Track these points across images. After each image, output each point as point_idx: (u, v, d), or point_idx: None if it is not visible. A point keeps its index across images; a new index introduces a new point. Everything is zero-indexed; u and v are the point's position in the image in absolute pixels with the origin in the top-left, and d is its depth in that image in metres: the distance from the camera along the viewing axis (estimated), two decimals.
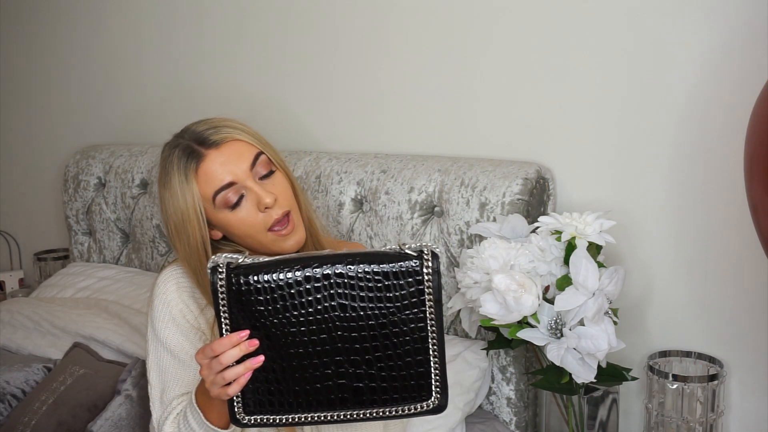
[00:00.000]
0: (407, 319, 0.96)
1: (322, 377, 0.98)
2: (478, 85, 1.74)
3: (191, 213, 1.18)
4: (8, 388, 1.67)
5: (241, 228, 1.20)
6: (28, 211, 2.84)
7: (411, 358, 0.97)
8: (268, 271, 0.96)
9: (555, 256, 1.37)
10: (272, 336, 0.97)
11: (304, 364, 0.97)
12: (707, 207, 1.50)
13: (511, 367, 1.59)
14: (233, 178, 1.18)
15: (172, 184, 1.19)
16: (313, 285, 0.95)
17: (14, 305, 2.04)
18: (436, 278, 0.96)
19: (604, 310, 1.31)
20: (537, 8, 1.63)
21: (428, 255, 0.95)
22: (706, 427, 1.47)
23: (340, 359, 0.97)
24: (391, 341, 0.97)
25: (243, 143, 1.21)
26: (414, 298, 0.96)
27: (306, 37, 2.00)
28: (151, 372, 1.21)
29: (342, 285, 0.96)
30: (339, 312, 0.96)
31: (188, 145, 1.20)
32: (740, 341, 1.51)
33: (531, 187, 1.56)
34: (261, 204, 1.18)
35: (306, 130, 2.04)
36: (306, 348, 0.97)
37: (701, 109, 1.48)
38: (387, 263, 0.95)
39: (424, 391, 0.98)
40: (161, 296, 1.22)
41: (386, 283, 0.95)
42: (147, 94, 2.38)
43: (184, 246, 1.20)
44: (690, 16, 1.47)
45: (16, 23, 2.73)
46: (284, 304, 0.96)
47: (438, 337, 0.97)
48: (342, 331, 0.96)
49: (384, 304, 0.96)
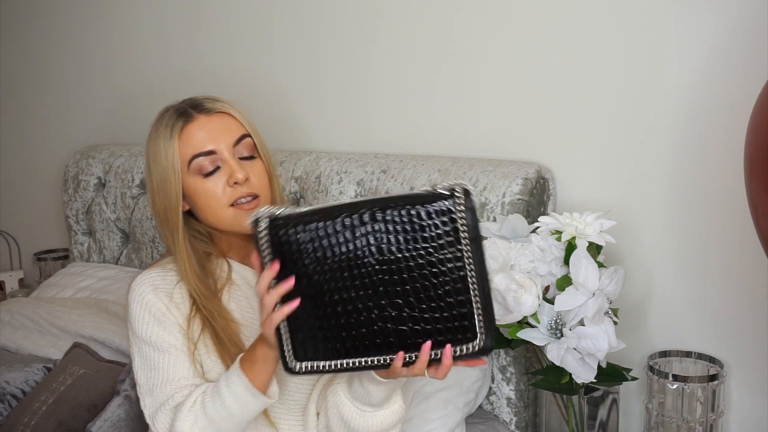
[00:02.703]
0: (445, 259, 0.95)
1: (367, 322, 0.98)
2: (479, 86, 1.74)
3: (170, 170, 1.20)
4: (8, 388, 1.67)
5: (205, 199, 1.21)
6: (28, 211, 2.84)
7: (452, 299, 0.95)
8: (307, 221, 0.98)
9: (555, 256, 1.37)
10: (315, 283, 0.98)
11: (348, 309, 0.98)
12: (707, 207, 1.50)
13: (511, 367, 1.59)
14: (214, 147, 1.20)
15: (157, 140, 1.22)
16: (350, 231, 0.97)
17: (14, 305, 2.04)
18: (470, 215, 0.94)
19: (604, 310, 1.31)
20: (537, 9, 1.63)
21: (460, 192, 0.94)
22: (706, 427, 1.47)
23: (383, 303, 0.97)
24: (431, 282, 0.96)
25: (233, 120, 1.24)
26: (449, 237, 0.94)
27: (307, 38, 2.00)
28: (139, 373, 1.21)
29: (378, 229, 0.96)
30: (377, 255, 0.96)
31: (182, 107, 1.25)
32: (740, 341, 1.51)
33: (531, 187, 1.56)
34: (232, 178, 1.19)
35: (306, 129, 2.04)
36: (348, 293, 0.98)
37: (701, 109, 1.48)
38: (420, 204, 0.95)
39: (468, 332, 0.96)
40: (138, 299, 1.22)
41: (420, 224, 0.95)
42: (147, 94, 2.38)
43: (162, 201, 1.22)
44: (690, 16, 1.47)
45: (15, 23, 2.73)
46: (324, 252, 0.97)
47: (479, 276, 0.95)
48: (382, 275, 0.97)
49: (420, 244, 0.95)
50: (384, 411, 1.16)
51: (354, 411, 1.15)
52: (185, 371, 1.18)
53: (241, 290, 1.27)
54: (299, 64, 2.03)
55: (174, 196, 1.21)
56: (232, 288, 1.27)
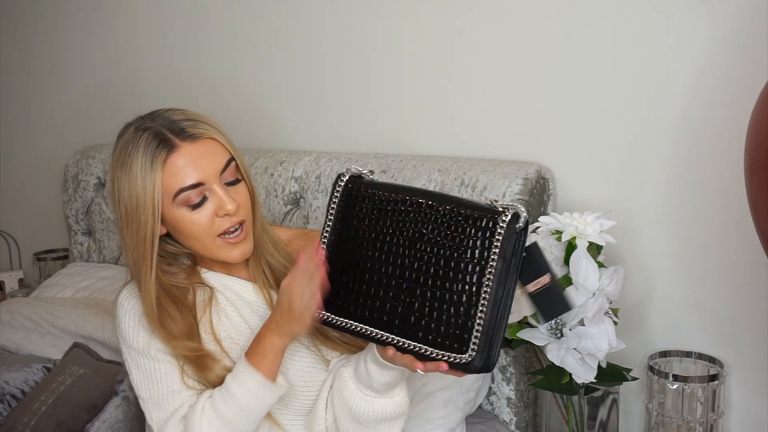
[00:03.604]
0: (466, 269, 0.98)
1: (383, 296, 1.04)
2: (479, 86, 1.74)
3: (148, 202, 1.12)
4: (8, 388, 1.67)
5: (191, 228, 1.15)
6: (28, 211, 2.84)
7: (462, 308, 0.98)
8: (380, 187, 1.08)
9: (555, 256, 1.37)
10: (357, 245, 1.07)
11: (373, 279, 1.05)
12: (707, 207, 1.50)
13: (511, 367, 1.59)
14: (202, 179, 1.13)
15: (132, 167, 1.12)
16: (405, 213, 1.04)
17: (14, 305, 2.04)
18: (509, 236, 0.96)
19: (605, 310, 1.31)
20: (537, 9, 1.63)
21: (507, 213, 0.96)
22: (707, 427, 1.46)
23: (404, 287, 1.02)
24: (448, 284, 0.99)
25: (219, 144, 1.16)
26: (484, 251, 0.97)
27: (307, 37, 2.00)
28: (140, 387, 1.19)
29: (426, 219, 1.02)
30: (416, 242, 1.02)
31: (161, 131, 1.13)
32: (740, 341, 1.51)
33: (531, 187, 1.56)
34: (222, 209, 1.14)
35: (306, 129, 2.04)
36: (381, 266, 1.04)
37: (701, 109, 1.48)
38: (470, 211, 0.99)
39: (462, 344, 0.98)
40: (126, 312, 1.20)
41: (464, 229, 0.99)
42: (147, 94, 2.38)
43: (132, 234, 1.14)
44: (690, 16, 1.46)
45: (15, 23, 2.73)
46: (375, 222, 1.06)
47: (492, 296, 0.96)
48: (411, 260, 1.02)
49: (456, 247, 0.99)
50: (385, 400, 1.16)
51: (356, 393, 1.16)
52: (180, 372, 1.18)
53: (230, 302, 1.25)
54: (300, 64, 2.02)
55: (150, 230, 1.13)
56: (220, 301, 1.25)
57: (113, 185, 1.16)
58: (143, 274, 1.16)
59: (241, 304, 1.25)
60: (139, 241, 1.14)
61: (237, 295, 1.26)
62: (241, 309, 1.25)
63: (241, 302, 1.25)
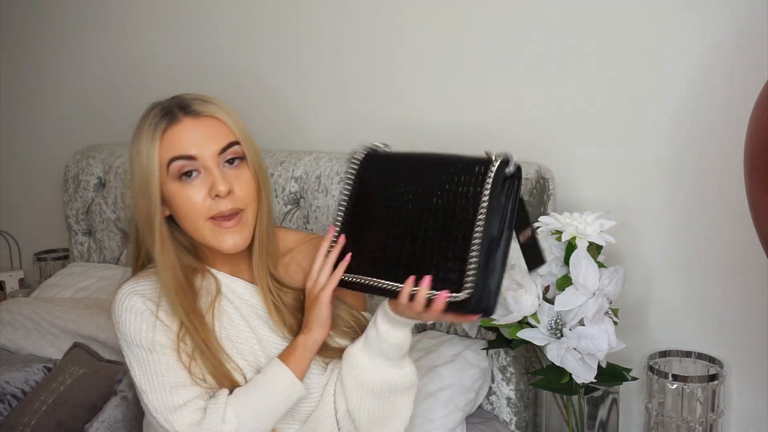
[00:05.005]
0: (460, 214, 1.04)
1: (391, 250, 1.11)
2: (478, 86, 1.74)
3: (150, 173, 1.14)
4: (8, 388, 1.67)
5: (184, 206, 1.14)
6: (28, 211, 2.84)
7: (459, 249, 1.03)
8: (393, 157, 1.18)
9: (555, 256, 1.37)
10: (371, 204, 1.14)
11: (382, 235, 1.12)
12: (707, 207, 1.50)
13: (511, 367, 1.59)
14: (196, 153, 1.13)
15: (139, 140, 1.16)
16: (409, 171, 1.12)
17: (14, 305, 2.04)
18: (499, 181, 1.02)
19: (604, 310, 1.31)
20: (537, 10, 1.63)
21: (497, 159, 1.03)
22: (706, 427, 1.47)
23: (407, 238, 1.09)
24: (444, 230, 1.05)
25: (223, 124, 1.17)
26: (471, 195, 1.04)
27: (309, 38, 2.00)
28: (141, 381, 1.17)
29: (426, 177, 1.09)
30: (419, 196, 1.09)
31: (169, 106, 1.18)
32: (740, 341, 1.51)
33: (531, 187, 1.56)
34: (213, 189, 1.13)
35: (306, 129, 2.04)
36: (389, 221, 1.12)
37: (701, 109, 1.48)
38: (464, 162, 1.06)
39: (458, 283, 1.03)
40: (126, 309, 1.18)
41: (460, 177, 1.05)
42: (148, 94, 2.37)
43: (144, 209, 1.16)
44: (690, 16, 1.46)
45: (15, 23, 2.73)
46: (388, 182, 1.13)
47: (483, 236, 1.01)
48: (413, 213, 1.09)
49: (454, 195, 1.05)
50: (396, 370, 1.18)
51: (369, 365, 1.17)
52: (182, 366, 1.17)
53: (232, 304, 1.24)
54: (300, 64, 2.03)
55: (154, 201, 1.14)
56: (222, 303, 1.24)
57: (130, 158, 1.19)
58: (157, 247, 1.16)
59: (243, 307, 1.25)
60: (149, 215, 1.16)
61: (239, 297, 1.25)
62: (243, 311, 1.25)
63: (244, 305, 1.25)
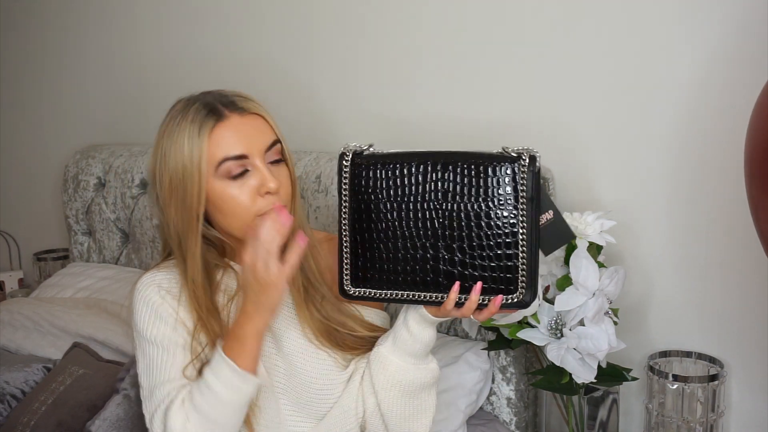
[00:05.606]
0: (501, 215, 1.04)
1: (422, 260, 1.08)
2: (478, 85, 1.74)
3: (195, 169, 1.11)
4: (8, 388, 1.67)
5: (231, 203, 1.13)
6: (28, 211, 2.84)
7: (502, 252, 1.05)
8: (388, 160, 1.09)
9: (555, 256, 1.37)
10: (383, 217, 1.09)
11: (407, 245, 1.09)
12: (707, 207, 1.50)
13: (511, 368, 1.59)
14: (246, 151, 1.13)
15: (180, 135, 1.13)
16: (423, 175, 1.07)
17: (14, 305, 2.04)
18: (531, 179, 1.03)
19: (605, 310, 1.31)
20: (537, 9, 1.63)
21: (526, 157, 1.03)
22: (707, 428, 1.46)
23: (438, 245, 1.07)
24: (485, 233, 1.05)
25: (266, 123, 1.18)
26: (509, 196, 1.04)
27: (308, 38, 2.00)
28: (142, 374, 1.18)
29: (447, 177, 1.06)
30: (442, 201, 1.06)
31: (211, 102, 1.15)
32: (740, 341, 1.51)
33: None
34: (264, 186, 1.13)
35: (305, 129, 2.04)
36: (410, 230, 1.08)
37: (701, 109, 1.48)
38: (489, 162, 1.04)
39: (511, 284, 1.05)
40: (143, 300, 1.18)
41: (486, 180, 1.04)
42: (148, 94, 2.38)
43: (178, 204, 1.13)
44: (690, 16, 1.47)
45: (15, 23, 2.73)
46: (396, 190, 1.08)
47: (528, 235, 1.04)
48: (442, 219, 1.06)
49: (482, 198, 1.05)
50: (425, 365, 1.19)
51: (401, 365, 1.17)
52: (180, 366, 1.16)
53: None
54: (300, 64, 2.03)
55: (196, 198, 1.12)
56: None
57: (157, 156, 1.16)
58: (189, 243, 1.15)
59: None
60: (185, 210, 1.14)
61: None
62: None
63: None
